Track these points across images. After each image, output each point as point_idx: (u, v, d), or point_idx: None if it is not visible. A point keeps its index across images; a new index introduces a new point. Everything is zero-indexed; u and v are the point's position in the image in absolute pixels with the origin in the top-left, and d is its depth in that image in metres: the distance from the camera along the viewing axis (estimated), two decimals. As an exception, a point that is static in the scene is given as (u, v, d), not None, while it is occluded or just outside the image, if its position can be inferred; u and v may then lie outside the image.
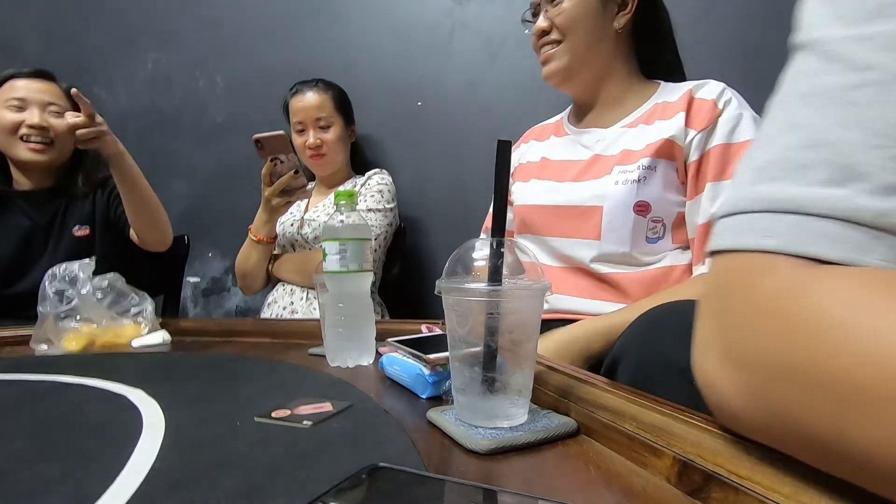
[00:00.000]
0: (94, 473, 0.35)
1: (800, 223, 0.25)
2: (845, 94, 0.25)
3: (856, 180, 0.24)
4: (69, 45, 2.02)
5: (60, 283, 0.92)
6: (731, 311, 0.27)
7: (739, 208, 0.28)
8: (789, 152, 0.26)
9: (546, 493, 0.33)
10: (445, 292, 0.43)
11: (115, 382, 0.61)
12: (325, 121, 1.46)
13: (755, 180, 0.28)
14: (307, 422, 0.45)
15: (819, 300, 0.23)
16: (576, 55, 0.95)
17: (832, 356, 0.21)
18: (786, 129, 0.27)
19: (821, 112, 0.26)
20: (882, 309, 0.21)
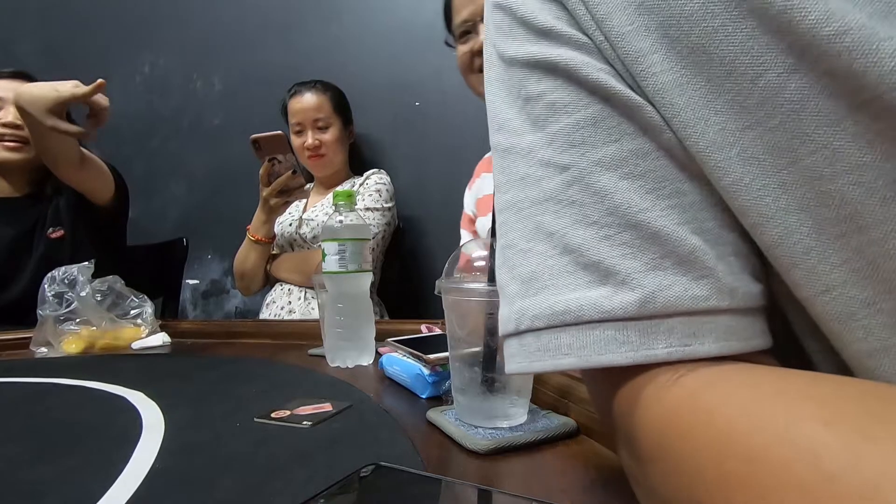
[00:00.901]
0: (94, 475, 0.35)
1: (584, 335, 0.25)
2: (565, 194, 0.26)
3: (608, 275, 0.24)
4: (66, 49, 2.02)
5: (60, 285, 0.92)
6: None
7: (524, 326, 0.27)
8: (549, 260, 0.26)
9: (546, 493, 0.33)
10: (445, 292, 0.43)
11: (115, 384, 0.61)
12: (323, 122, 1.46)
13: (526, 292, 0.27)
14: (307, 422, 0.45)
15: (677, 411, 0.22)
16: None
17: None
18: (538, 237, 0.27)
19: (557, 217, 0.26)
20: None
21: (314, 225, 1.42)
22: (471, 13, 0.96)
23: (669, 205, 0.25)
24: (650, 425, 0.23)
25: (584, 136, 0.26)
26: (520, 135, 0.29)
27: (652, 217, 0.24)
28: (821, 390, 0.20)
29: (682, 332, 0.23)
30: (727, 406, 0.21)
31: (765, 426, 0.19)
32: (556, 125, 0.27)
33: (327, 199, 1.48)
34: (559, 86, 0.27)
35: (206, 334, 1.02)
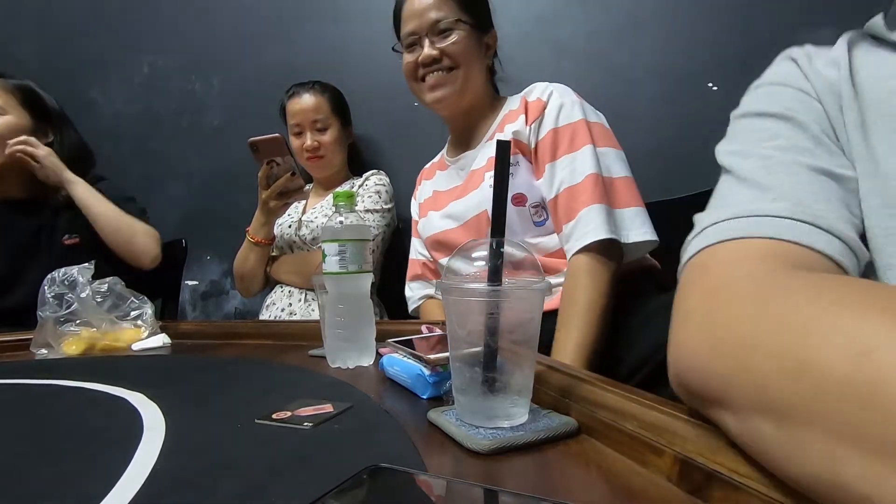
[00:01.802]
0: (96, 476, 0.35)
1: (757, 221, 0.38)
2: (764, 167, 0.44)
3: (774, 198, 0.39)
4: (65, 50, 2.02)
5: (60, 287, 0.92)
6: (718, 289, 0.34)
7: (723, 217, 0.40)
8: (736, 196, 0.43)
9: (547, 492, 0.33)
10: (445, 292, 0.43)
11: (116, 386, 0.61)
12: (322, 122, 1.46)
13: (713, 213, 0.41)
14: (308, 423, 0.45)
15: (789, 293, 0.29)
16: (466, 82, 1.06)
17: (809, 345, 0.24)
18: (733, 187, 0.44)
19: (752, 175, 0.43)
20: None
21: (314, 227, 1.41)
22: (417, 26, 1.05)
23: (832, 195, 0.41)
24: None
25: (793, 150, 0.43)
26: (739, 150, 0.46)
27: (819, 191, 0.41)
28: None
29: (811, 232, 0.37)
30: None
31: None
32: (774, 143, 0.44)
33: (326, 201, 1.48)
34: (786, 127, 0.45)
35: (206, 335, 1.02)
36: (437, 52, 1.04)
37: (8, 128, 1.24)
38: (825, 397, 0.22)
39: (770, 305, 0.28)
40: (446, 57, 1.05)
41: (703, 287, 0.35)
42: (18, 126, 1.26)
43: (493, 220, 0.44)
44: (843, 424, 0.20)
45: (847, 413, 0.20)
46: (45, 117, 1.32)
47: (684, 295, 0.37)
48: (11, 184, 1.32)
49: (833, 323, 0.23)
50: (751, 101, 0.50)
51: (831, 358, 0.22)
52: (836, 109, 0.45)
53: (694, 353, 0.32)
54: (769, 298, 0.29)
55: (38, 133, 1.30)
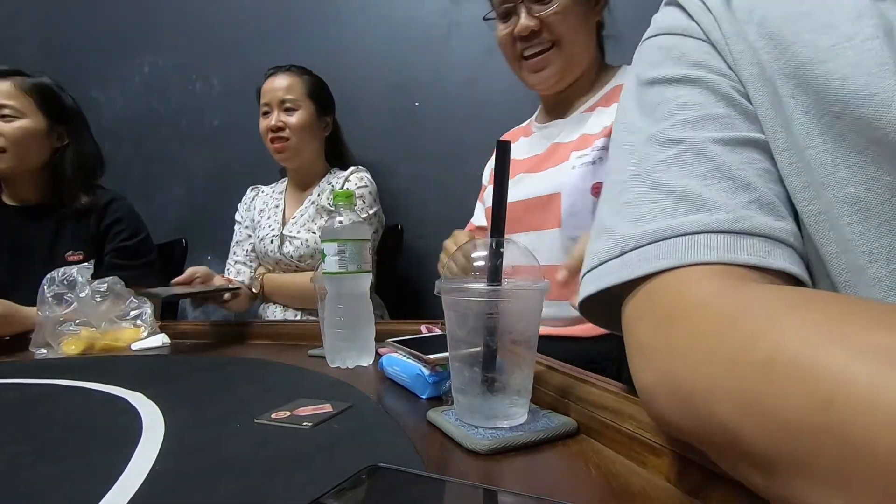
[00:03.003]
0: (95, 476, 0.35)
1: (681, 243, 0.32)
2: (677, 159, 0.35)
3: (704, 205, 0.33)
4: (65, 49, 2.02)
5: (59, 286, 0.92)
6: (664, 325, 0.30)
7: (629, 246, 0.34)
8: (655, 203, 0.34)
9: (546, 492, 0.33)
10: (445, 292, 0.43)
11: (115, 386, 0.61)
12: (291, 104, 1.36)
13: (634, 226, 0.34)
14: (307, 423, 0.45)
15: (738, 305, 0.27)
16: (571, 58, 0.92)
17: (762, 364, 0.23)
18: (649, 191, 0.35)
19: (666, 173, 0.35)
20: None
21: (298, 244, 1.35)
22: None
23: (758, 174, 0.34)
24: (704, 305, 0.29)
25: (704, 124, 0.36)
26: (645, 130, 0.38)
27: (746, 175, 0.34)
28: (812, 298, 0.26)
29: (761, 248, 0.31)
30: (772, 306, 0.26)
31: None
32: (682, 116, 0.37)
33: (305, 207, 1.41)
34: (694, 92, 0.37)
35: (205, 335, 1.02)
36: (536, 22, 0.88)
37: (24, 132, 1.21)
38: (802, 449, 0.20)
39: (725, 341, 0.25)
40: (546, 29, 0.89)
41: (654, 318, 0.31)
42: (34, 130, 1.23)
43: (493, 220, 0.44)
44: (829, 473, 0.19)
45: (829, 461, 0.19)
46: (60, 119, 1.29)
47: (633, 328, 0.33)
48: (27, 188, 1.29)
49: (794, 364, 0.21)
50: (648, 61, 0.42)
51: (797, 407, 0.20)
52: (732, 57, 0.38)
53: (658, 404, 0.30)
54: (724, 331, 0.26)
55: (51, 136, 1.27)
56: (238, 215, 1.51)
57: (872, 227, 0.32)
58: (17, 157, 1.23)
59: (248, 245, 1.46)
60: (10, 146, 1.21)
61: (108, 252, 1.30)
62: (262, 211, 1.47)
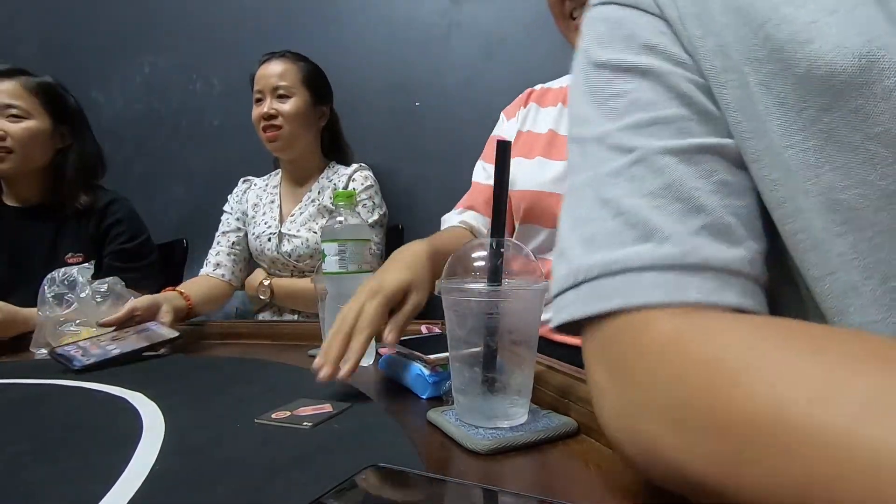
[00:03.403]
0: (95, 476, 0.35)
1: (630, 280, 0.29)
2: (627, 171, 0.32)
3: (653, 233, 0.29)
4: (65, 50, 2.02)
5: (59, 286, 0.92)
6: (622, 368, 0.29)
7: (581, 278, 0.31)
8: (605, 223, 0.31)
9: (546, 492, 0.33)
10: (445, 292, 0.43)
11: (115, 385, 0.61)
12: (284, 90, 1.30)
13: (586, 252, 0.31)
14: (307, 423, 0.45)
15: (707, 348, 0.25)
16: None
17: (729, 401, 0.22)
18: (598, 206, 0.32)
19: (615, 188, 0.32)
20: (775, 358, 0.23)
21: (298, 243, 1.32)
22: None
23: (715, 189, 0.30)
24: (650, 350, 0.27)
25: (657, 129, 0.32)
26: (596, 126, 0.34)
27: (700, 195, 0.30)
28: (774, 330, 0.25)
29: (711, 284, 0.28)
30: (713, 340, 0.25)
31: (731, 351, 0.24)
32: (632, 118, 0.33)
33: (304, 205, 1.36)
34: (646, 87, 0.33)
35: (206, 335, 1.02)
36: None
37: (30, 132, 1.21)
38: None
39: (680, 394, 0.25)
40: None
41: (609, 362, 0.30)
42: (40, 131, 1.23)
43: (493, 220, 0.44)
44: None
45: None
46: (64, 120, 1.28)
47: (591, 369, 0.32)
48: (29, 188, 1.28)
49: (763, 426, 0.21)
50: (597, 36, 0.37)
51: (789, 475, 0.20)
52: (690, 42, 0.33)
53: (622, 449, 0.29)
54: (676, 386, 0.25)
55: (55, 137, 1.26)
56: (228, 206, 1.44)
57: (866, 238, 0.28)
58: (23, 157, 1.22)
59: (234, 237, 1.38)
60: (17, 147, 1.20)
61: (108, 254, 1.29)
62: (256, 206, 1.41)
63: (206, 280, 1.31)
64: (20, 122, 1.21)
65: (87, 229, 1.29)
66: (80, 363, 0.72)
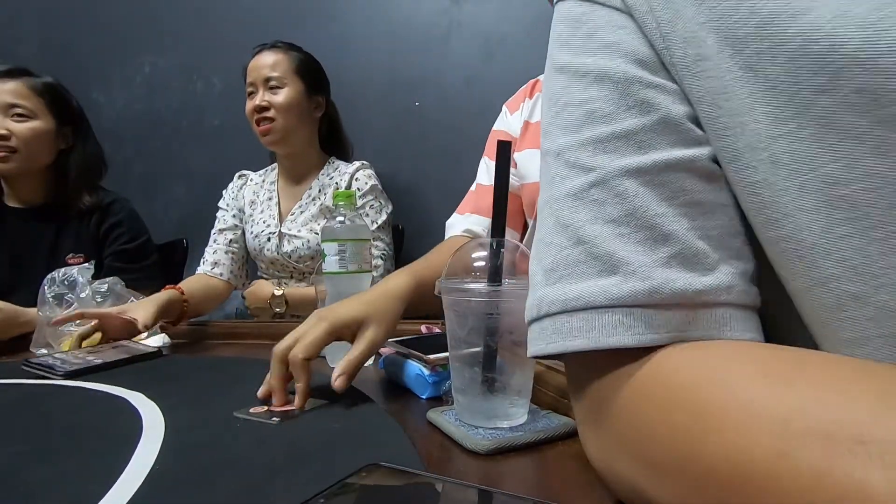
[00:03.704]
0: (95, 476, 0.35)
1: (593, 319, 0.27)
2: (586, 194, 0.29)
3: (618, 266, 0.27)
4: (65, 50, 2.02)
5: (59, 287, 0.92)
6: (600, 410, 0.28)
7: (543, 311, 0.29)
8: (564, 251, 0.29)
9: (546, 493, 0.33)
10: (445, 292, 0.43)
11: (115, 385, 0.61)
12: (276, 81, 1.26)
13: (547, 281, 0.29)
14: (275, 418, 0.46)
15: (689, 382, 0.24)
16: None
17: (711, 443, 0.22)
18: (558, 230, 0.30)
19: (575, 212, 0.29)
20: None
21: (299, 244, 1.29)
22: None
23: (682, 213, 0.27)
24: (627, 396, 0.26)
25: (615, 145, 0.29)
26: (553, 139, 0.32)
27: (665, 221, 0.27)
28: (761, 354, 0.24)
29: (682, 320, 0.26)
30: (689, 371, 0.25)
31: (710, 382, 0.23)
32: (590, 132, 0.30)
33: (305, 203, 1.34)
34: (603, 97, 0.30)
35: (206, 335, 1.02)
36: None
37: (35, 133, 1.21)
38: None
39: (638, 432, 0.25)
40: None
41: (588, 400, 0.29)
42: (45, 131, 1.23)
43: (494, 220, 0.44)
44: None
45: None
46: (67, 121, 1.29)
47: (573, 401, 0.32)
48: (31, 189, 1.28)
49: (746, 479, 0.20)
50: (559, 35, 0.34)
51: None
52: (659, 32, 0.29)
53: (605, 482, 0.30)
54: (640, 425, 0.25)
55: (58, 138, 1.27)
56: (223, 202, 1.41)
57: (877, 241, 0.23)
58: (27, 157, 1.22)
59: (231, 235, 1.36)
60: (22, 147, 1.20)
61: (109, 255, 1.29)
62: (254, 203, 1.38)
63: (205, 279, 1.29)
64: (25, 121, 1.21)
65: (87, 230, 1.30)
66: (64, 369, 0.69)
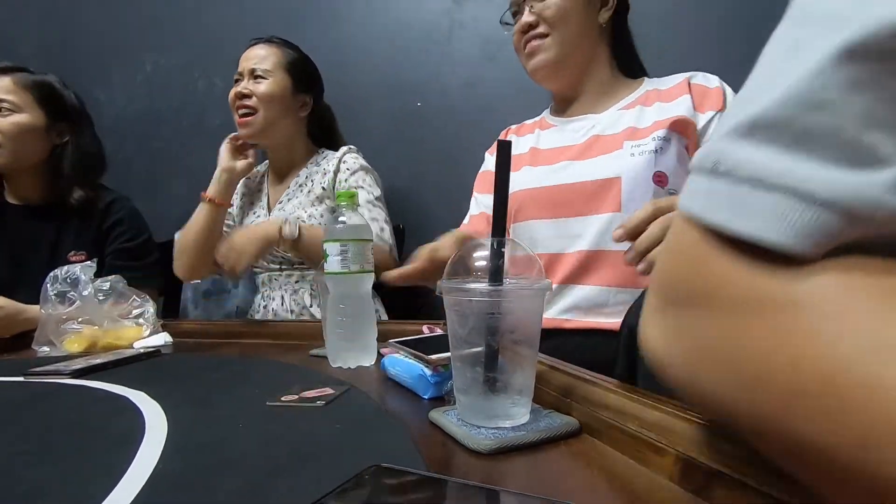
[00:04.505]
0: (98, 475, 0.35)
1: (790, 209, 0.20)
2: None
3: (876, 164, 0.19)
4: (67, 48, 2.02)
5: (62, 284, 0.92)
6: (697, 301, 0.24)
7: (721, 165, 0.23)
8: (795, 110, 0.21)
9: (548, 492, 0.33)
10: (446, 292, 0.43)
11: (118, 384, 0.61)
12: (262, 72, 1.26)
13: (748, 132, 0.22)
14: (320, 402, 0.48)
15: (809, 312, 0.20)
16: (563, 47, 0.97)
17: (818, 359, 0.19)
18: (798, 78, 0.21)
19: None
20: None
21: (285, 234, 1.24)
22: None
23: None
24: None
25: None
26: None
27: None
28: None
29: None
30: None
31: None
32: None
33: (292, 191, 1.33)
34: None
35: (207, 334, 1.02)
36: (535, 18, 0.96)
37: (19, 127, 1.21)
38: (826, 476, 0.19)
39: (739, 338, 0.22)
40: (542, 22, 0.96)
41: (701, 278, 0.24)
42: (31, 125, 1.23)
43: (494, 220, 0.44)
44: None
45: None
46: (62, 117, 1.29)
47: (675, 268, 0.27)
48: (28, 186, 1.29)
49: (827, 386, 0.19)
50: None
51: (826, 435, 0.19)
52: None
53: (666, 374, 0.27)
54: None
55: (51, 133, 1.27)
56: None
57: None
58: (13, 152, 1.22)
59: (224, 228, 1.36)
60: (5, 141, 1.20)
61: (110, 253, 1.29)
62: (244, 195, 1.40)
63: None
64: (9, 116, 1.21)
65: (89, 228, 1.30)
66: (69, 368, 0.70)
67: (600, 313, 0.88)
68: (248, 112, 1.26)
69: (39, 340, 0.90)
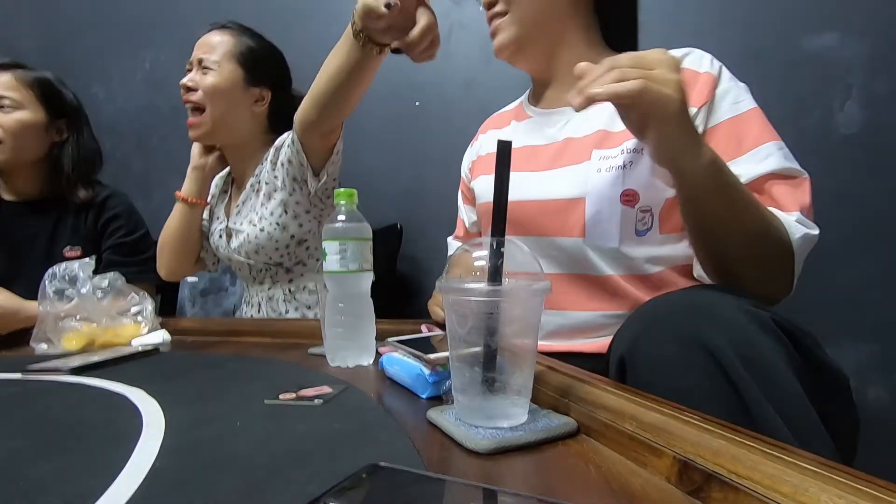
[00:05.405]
0: (95, 473, 0.35)
1: None
2: None
3: None
4: (66, 45, 2.02)
5: (60, 282, 0.92)
6: None
7: None
8: None
9: (546, 493, 0.33)
10: (445, 292, 0.43)
11: (116, 382, 0.61)
12: (209, 63, 1.14)
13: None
14: (318, 400, 0.47)
15: None
16: (523, 24, 0.87)
17: None
18: None
19: None
20: None
21: (242, 239, 1.16)
22: None
23: None
24: None
25: None
26: None
27: None
28: None
29: None
30: None
31: None
32: None
33: (246, 194, 1.21)
34: None
35: (206, 332, 1.02)
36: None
37: (21, 124, 1.21)
38: None
39: None
40: (500, 0, 0.87)
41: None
42: (33, 122, 1.23)
43: (494, 220, 0.44)
44: None
45: None
46: (61, 114, 1.29)
47: None
48: (25, 182, 1.29)
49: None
50: None
51: None
52: None
53: None
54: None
55: (51, 130, 1.27)
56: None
57: None
58: (14, 148, 1.22)
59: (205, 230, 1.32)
60: (7, 137, 1.21)
61: (106, 249, 1.29)
62: (214, 196, 1.33)
63: None
64: (11, 113, 1.21)
65: (85, 224, 1.30)
66: (67, 366, 0.70)
67: (587, 337, 0.81)
68: (195, 108, 1.15)
69: (37, 338, 0.90)
